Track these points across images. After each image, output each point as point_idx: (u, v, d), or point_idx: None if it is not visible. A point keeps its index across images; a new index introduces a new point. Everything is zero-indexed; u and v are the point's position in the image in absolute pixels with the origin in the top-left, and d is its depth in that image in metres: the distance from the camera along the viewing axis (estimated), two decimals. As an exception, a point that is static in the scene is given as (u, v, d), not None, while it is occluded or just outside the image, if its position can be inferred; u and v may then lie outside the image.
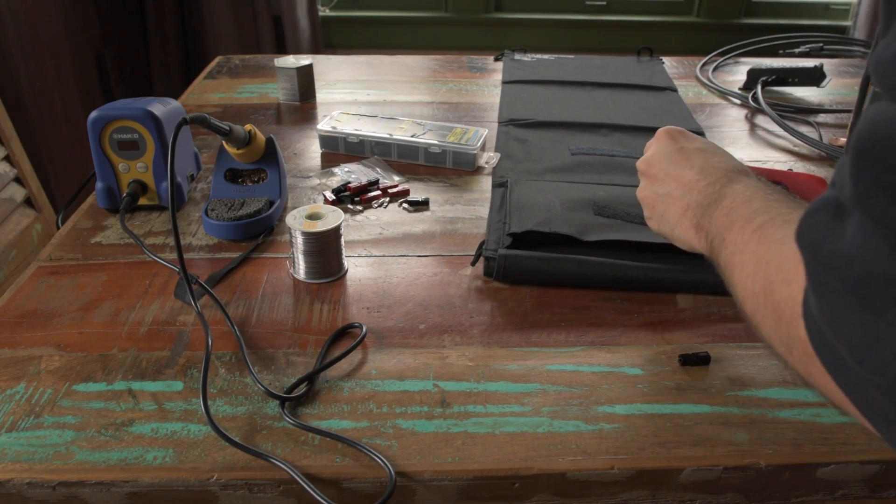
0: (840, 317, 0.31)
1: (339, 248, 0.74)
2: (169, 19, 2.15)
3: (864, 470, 0.54)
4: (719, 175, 0.57)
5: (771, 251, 0.43)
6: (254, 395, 0.59)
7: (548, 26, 2.31)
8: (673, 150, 0.63)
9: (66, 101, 1.85)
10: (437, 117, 1.14)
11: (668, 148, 0.64)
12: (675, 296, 0.72)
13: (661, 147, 0.64)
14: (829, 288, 0.32)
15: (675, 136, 0.65)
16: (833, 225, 0.33)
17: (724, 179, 0.56)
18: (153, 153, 0.82)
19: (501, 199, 0.85)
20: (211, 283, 0.72)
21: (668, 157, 0.63)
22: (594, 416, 0.57)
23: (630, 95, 1.23)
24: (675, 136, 0.65)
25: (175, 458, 0.53)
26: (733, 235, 0.49)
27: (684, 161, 0.61)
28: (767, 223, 0.46)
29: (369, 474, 0.52)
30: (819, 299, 0.33)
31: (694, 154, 0.61)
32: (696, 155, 0.61)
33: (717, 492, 0.54)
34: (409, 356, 0.63)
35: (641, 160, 0.67)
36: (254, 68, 1.38)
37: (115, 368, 0.61)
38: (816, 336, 0.35)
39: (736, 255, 0.48)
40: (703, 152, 0.62)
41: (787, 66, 1.28)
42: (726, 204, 0.53)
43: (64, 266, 0.76)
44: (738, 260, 0.47)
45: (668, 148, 0.64)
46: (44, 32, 1.76)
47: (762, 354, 0.64)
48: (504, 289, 0.73)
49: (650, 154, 0.65)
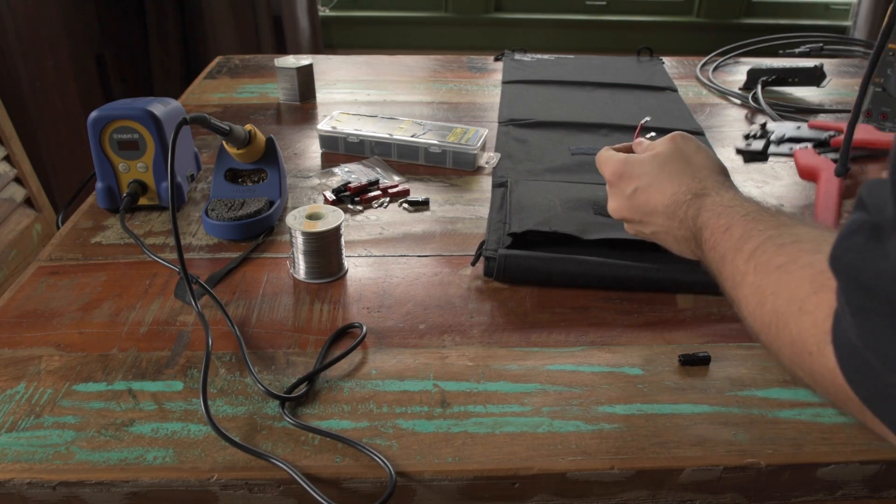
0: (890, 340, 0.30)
1: (339, 248, 0.74)
2: (169, 19, 2.15)
3: (864, 470, 0.54)
4: (684, 207, 0.57)
5: (773, 281, 0.42)
6: (254, 395, 0.59)
7: (548, 26, 2.31)
8: (629, 194, 0.62)
9: (66, 101, 1.85)
10: (437, 117, 1.14)
11: (625, 193, 0.63)
12: (675, 296, 0.72)
13: (618, 193, 0.64)
14: (875, 312, 0.31)
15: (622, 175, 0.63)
16: (872, 247, 0.32)
17: (691, 211, 0.56)
18: (153, 153, 0.82)
19: (501, 199, 0.85)
20: (211, 283, 0.72)
21: (631, 205, 0.62)
22: (594, 416, 0.57)
23: (630, 95, 1.23)
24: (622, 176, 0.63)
25: (175, 458, 0.53)
26: (727, 268, 0.49)
27: (646, 203, 0.61)
28: (758, 250, 0.46)
29: (369, 474, 0.52)
30: (861, 324, 0.32)
31: (650, 193, 0.61)
32: (653, 193, 0.60)
33: (717, 492, 0.54)
34: (409, 356, 0.63)
35: (610, 208, 0.66)
36: (254, 68, 1.38)
37: (115, 368, 0.61)
38: (849, 364, 0.34)
39: (736, 288, 0.47)
40: (656, 187, 0.60)
41: (787, 66, 1.28)
42: (707, 236, 0.53)
43: (64, 266, 0.76)
44: (742, 294, 0.46)
45: (625, 193, 0.63)
46: (44, 32, 1.76)
47: (762, 354, 0.64)
48: (504, 289, 0.73)
49: (614, 203, 0.65)
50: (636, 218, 0.62)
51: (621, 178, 0.63)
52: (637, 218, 0.62)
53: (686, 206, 0.57)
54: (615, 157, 0.65)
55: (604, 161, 0.66)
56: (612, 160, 0.65)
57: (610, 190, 0.65)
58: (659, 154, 0.62)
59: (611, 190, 0.65)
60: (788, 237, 0.45)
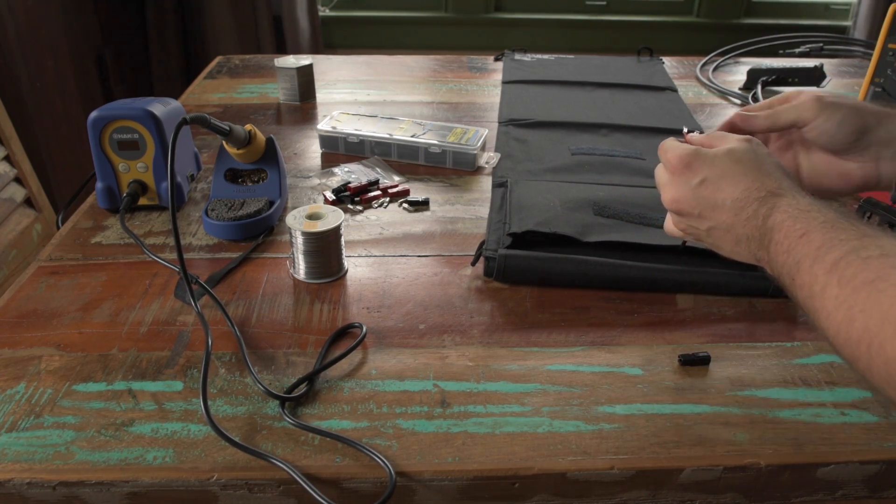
0: None
1: (339, 248, 0.74)
2: (169, 19, 2.15)
3: (864, 470, 0.54)
4: (756, 204, 0.53)
5: (862, 298, 0.41)
6: (254, 395, 0.59)
7: (548, 26, 2.31)
8: (695, 185, 0.57)
9: (66, 101, 1.85)
10: (437, 117, 1.14)
11: (690, 183, 0.57)
12: (675, 296, 0.72)
13: (682, 182, 0.58)
14: None
15: (690, 164, 0.58)
16: None
17: (763, 209, 0.52)
18: (153, 153, 0.82)
19: (501, 199, 0.85)
20: (211, 283, 0.72)
21: (695, 195, 0.57)
22: (594, 416, 0.57)
23: (630, 95, 1.23)
24: (691, 165, 0.58)
25: (175, 458, 0.53)
26: (803, 276, 0.46)
27: (713, 195, 0.56)
28: (841, 262, 0.43)
29: (369, 474, 0.52)
30: None
31: (720, 185, 0.56)
32: (724, 185, 0.56)
33: (717, 492, 0.54)
34: (409, 356, 0.63)
35: (666, 199, 0.60)
36: (254, 68, 1.38)
37: (115, 368, 0.61)
38: None
39: (814, 298, 0.45)
40: (729, 178, 0.56)
41: (787, 66, 1.28)
42: (779, 239, 0.50)
43: (64, 266, 0.76)
44: (820, 305, 0.44)
45: (690, 183, 0.57)
46: (44, 32, 1.76)
47: (762, 354, 0.64)
48: (504, 289, 0.73)
49: (674, 193, 0.59)
50: (696, 211, 0.57)
51: (689, 167, 0.57)
52: (697, 211, 0.57)
53: (759, 202, 0.53)
54: (683, 145, 0.59)
55: (668, 147, 0.60)
56: (678, 148, 0.59)
57: (671, 178, 0.59)
58: (734, 150, 0.57)
59: (672, 178, 0.59)
60: (874, 250, 0.43)
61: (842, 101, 0.61)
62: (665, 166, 0.61)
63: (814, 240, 0.47)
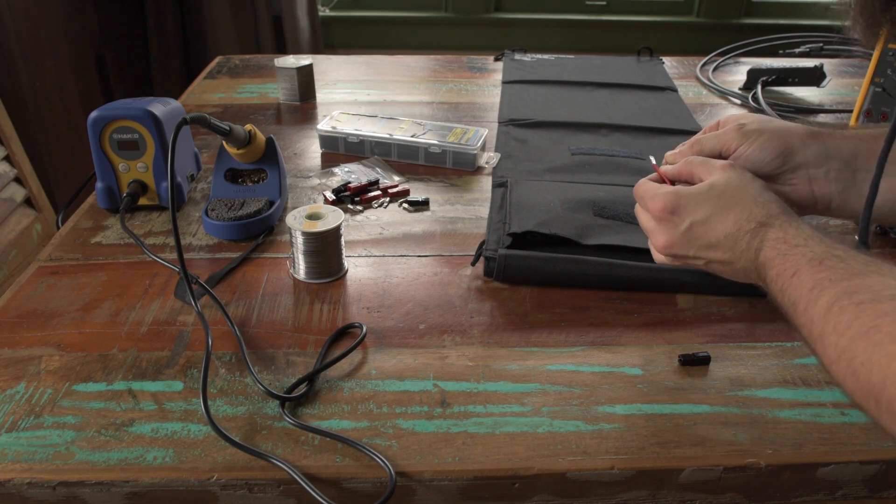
0: None
1: (339, 248, 0.74)
2: (169, 19, 2.15)
3: (864, 470, 0.54)
4: (748, 237, 0.53)
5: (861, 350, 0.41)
6: (254, 395, 0.59)
7: (548, 26, 2.31)
8: (685, 229, 0.56)
9: (66, 101, 1.85)
10: (437, 117, 1.14)
11: (680, 228, 0.56)
12: (675, 296, 0.72)
13: (671, 229, 0.57)
14: None
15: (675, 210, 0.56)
16: None
17: (755, 243, 0.52)
18: (153, 153, 0.82)
19: (501, 199, 0.85)
20: (211, 283, 0.72)
21: (687, 239, 0.56)
22: (594, 416, 0.57)
23: (630, 95, 1.23)
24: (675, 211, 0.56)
25: (175, 458, 0.53)
26: (800, 318, 0.47)
27: (705, 236, 0.55)
28: (834, 307, 0.44)
29: (369, 474, 0.52)
30: None
31: (710, 224, 0.55)
32: (713, 224, 0.55)
33: (717, 492, 0.54)
34: (409, 356, 0.63)
35: (658, 245, 0.58)
36: (254, 68, 1.38)
37: (115, 368, 0.61)
38: None
39: (815, 343, 0.45)
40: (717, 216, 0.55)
41: (787, 66, 1.28)
42: (773, 276, 0.50)
43: (64, 266, 0.76)
44: (821, 350, 0.45)
45: (680, 228, 0.56)
46: (44, 32, 1.76)
47: (762, 354, 0.64)
48: (504, 289, 0.73)
49: (665, 240, 0.57)
50: (691, 252, 0.57)
51: (674, 212, 0.56)
52: (692, 253, 0.57)
53: (750, 235, 0.53)
54: (662, 190, 0.58)
55: (649, 196, 0.58)
56: (658, 194, 0.57)
57: (658, 226, 0.58)
58: (716, 184, 0.56)
59: (659, 226, 0.58)
60: (865, 293, 0.43)
61: (765, 126, 0.60)
62: (649, 213, 0.59)
63: (804, 281, 0.47)
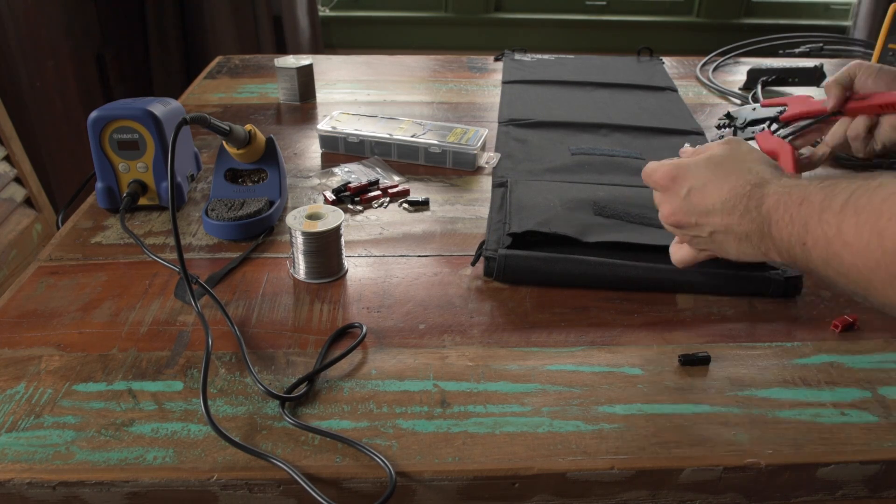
0: None
1: (339, 248, 0.74)
2: (169, 19, 2.15)
3: (864, 470, 0.54)
4: (745, 200, 0.55)
5: (887, 208, 0.42)
6: (254, 395, 0.59)
7: (548, 26, 2.31)
8: (684, 195, 0.59)
9: (66, 101, 1.85)
10: (437, 117, 1.14)
11: (679, 195, 0.60)
12: (675, 296, 0.72)
13: (673, 196, 0.61)
14: None
15: (675, 177, 0.60)
16: None
17: (753, 202, 0.54)
18: (153, 153, 0.82)
19: (501, 199, 0.85)
20: (211, 283, 0.72)
21: (687, 205, 0.59)
22: (594, 416, 0.57)
23: (630, 95, 1.23)
24: (676, 179, 0.60)
25: (175, 458, 0.53)
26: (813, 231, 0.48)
27: (702, 202, 0.58)
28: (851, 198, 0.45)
29: (369, 474, 0.52)
30: None
31: (706, 191, 0.58)
32: (709, 190, 0.57)
33: (717, 492, 0.54)
34: (409, 356, 0.63)
35: (663, 215, 0.63)
36: (254, 68, 1.38)
37: (115, 368, 0.61)
38: None
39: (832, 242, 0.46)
40: (712, 183, 0.58)
41: (787, 66, 1.28)
42: (779, 217, 0.51)
43: (64, 266, 0.76)
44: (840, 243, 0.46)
45: (679, 195, 0.60)
46: (44, 32, 1.76)
47: (762, 354, 0.64)
48: (504, 289, 0.73)
49: (668, 207, 0.61)
50: (692, 221, 0.59)
51: (674, 180, 0.60)
52: (693, 221, 0.59)
53: (747, 198, 0.55)
54: (664, 163, 0.62)
55: (652, 170, 0.63)
56: (661, 167, 0.62)
57: (662, 196, 0.62)
58: (713, 155, 0.60)
59: (663, 196, 0.62)
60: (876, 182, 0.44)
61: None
62: (655, 187, 0.64)
63: (814, 200, 0.48)
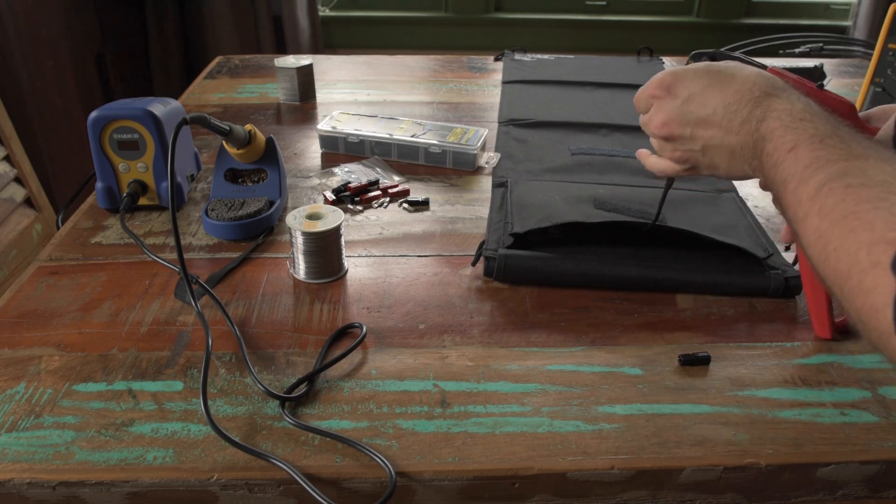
0: None
1: (339, 248, 0.74)
2: (169, 19, 2.15)
3: (864, 470, 0.54)
4: (750, 106, 0.52)
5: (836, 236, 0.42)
6: (254, 395, 0.59)
7: (548, 26, 2.31)
8: (682, 102, 0.56)
9: (66, 101, 1.85)
10: (437, 117, 1.14)
11: (676, 102, 0.57)
12: (675, 296, 0.72)
13: (668, 104, 0.58)
14: None
15: (671, 85, 0.57)
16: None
17: (758, 111, 0.51)
18: (153, 153, 0.82)
19: (501, 199, 0.85)
20: (211, 283, 0.72)
21: (684, 113, 0.56)
22: (594, 416, 0.57)
23: (630, 95, 1.21)
24: (672, 86, 0.57)
25: (175, 458, 0.53)
26: (788, 196, 0.47)
27: (701, 108, 0.55)
28: (824, 188, 0.44)
29: (369, 474, 0.52)
30: None
31: (707, 95, 0.55)
32: (711, 94, 0.54)
33: (717, 492, 0.54)
34: (409, 356, 0.63)
35: (654, 125, 0.59)
36: (254, 68, 1.38)
37: (115, 368, 0.61)
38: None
39: (798, 223, 0.46)
40: (715, 87, 0.54)
41: (787, 66, 1.28)
42: (770, 150, 0.49)
43: (64, 266, 0.76)
44: (803, 232, 0.45)
45: (676, 102, 0.57)
46: (44, 32, 1.76)
47: (762, 354, 0.64)
48: (504, 289, 0.73)
49: (663, 117, 0.58)
50: (686, 132, 0.56)
51: (670, 88, 0.57)
52: (689, 131, 0.56)
53: (753, 103, 0.51)
54: (659, 73, 0.58)
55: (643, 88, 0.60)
56: (655, 77, 0.58)
57: (656, 105, 0.58)
58: (712, 64, 0.56)
59: (657, 104, 0.58)
60: (857, 177, 0.43)
61: None
62: (648, 101, 0.60)
63: (801, 157, 0.47)
